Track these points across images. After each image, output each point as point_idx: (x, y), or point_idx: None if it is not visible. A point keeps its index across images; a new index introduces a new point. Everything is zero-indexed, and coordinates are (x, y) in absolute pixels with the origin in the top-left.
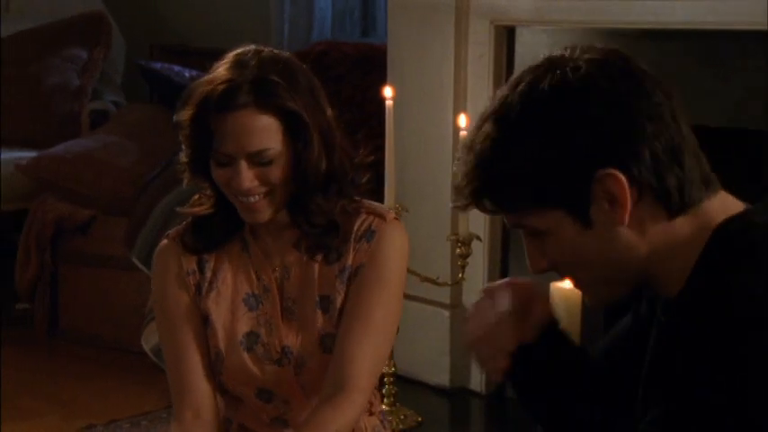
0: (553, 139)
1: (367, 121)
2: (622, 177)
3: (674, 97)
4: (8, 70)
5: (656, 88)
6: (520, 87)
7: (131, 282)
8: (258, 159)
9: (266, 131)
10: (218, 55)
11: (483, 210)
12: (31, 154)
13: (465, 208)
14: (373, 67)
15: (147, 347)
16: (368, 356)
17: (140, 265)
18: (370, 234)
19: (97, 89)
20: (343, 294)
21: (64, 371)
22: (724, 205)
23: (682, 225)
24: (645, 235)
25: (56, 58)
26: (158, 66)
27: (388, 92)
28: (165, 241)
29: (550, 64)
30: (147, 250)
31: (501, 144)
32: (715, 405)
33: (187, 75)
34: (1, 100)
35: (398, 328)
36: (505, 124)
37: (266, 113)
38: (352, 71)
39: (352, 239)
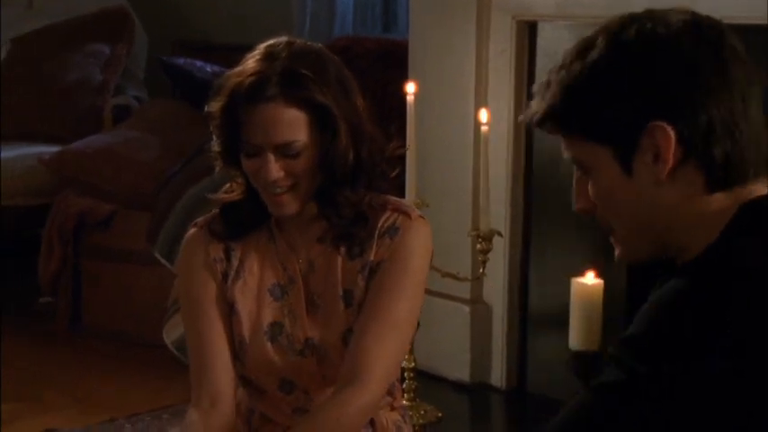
0: (625, 79)
1: (388, 115)
2: (672, 133)
3: (759, 84)
4: (31, 66)
5: (738, 66)
6: (612, 27)
7: (153, 277)
8: (285, 151)
9: (294, 124)
10: (240, 50)
11: (546, 129)
12: (54, 149)
13: (530, 121)
14: (395, 62)
15: (168, 341)
16: (385, 350)
17: (162, 260)
18: (393, 230)
19: (120, 84)
20: (363, 289)
21: (86, 365)
22: None
23: (718, 200)
24: (679, 200)
25: (78, 53)
26: (181, 61)
27: (409, 87)
28: (192, 230)
29: (648, 14)
30: (170, 245)
31: (581, 71)
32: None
33: (209, 70)
34: (24, 96)
35: (419, 324)
36: (588, 55)
37: (294, 106)
38: (374, 66)
39: (375, 235)
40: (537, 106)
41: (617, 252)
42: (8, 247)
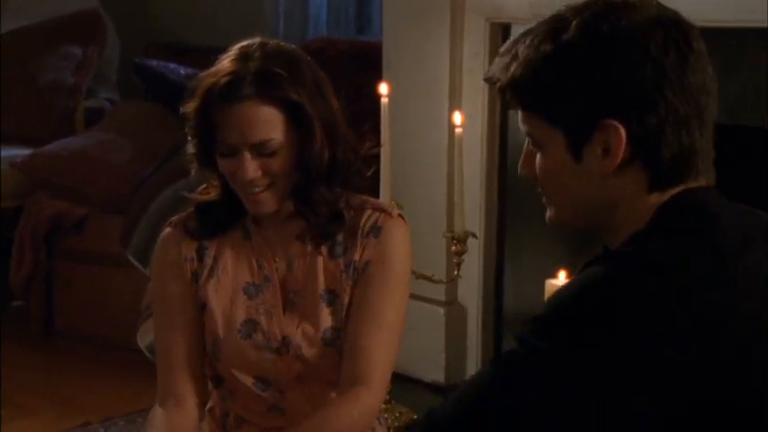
0: (589, 72)
1: (361, 117)
2: (623, 133)
3: (711, 94)
4: (4, 68)
5: (699, 70)
6: (587, 13)
7: (127, 279)
8: (261, 150)
9: (269, 122)
10: (213, 53)
11: (503, 99)
12: (26, 151)
13: (492, 83)
14: (369, 64)
15: (142, 345)
16: (382, 350)
17: (136, 263)
18: (376, 230)
19: (92, 87)
20: (349, 290)
21: (60, 368)
22: None
23: (654, 197)
24: (620, 195)
25: (51, 55)
26: (154, 64)
27: (383, 89)
28: (167, 229)
29: (623, 5)
30: (143, 248)
31: (550, 53)
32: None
33: (182, 72)
34: None
35: None
36: (560, 37)
37: (269, 105)
38: (348, 68)
39: (359, 235)
40: (501, 74)
41: (548, 215)
42: None
